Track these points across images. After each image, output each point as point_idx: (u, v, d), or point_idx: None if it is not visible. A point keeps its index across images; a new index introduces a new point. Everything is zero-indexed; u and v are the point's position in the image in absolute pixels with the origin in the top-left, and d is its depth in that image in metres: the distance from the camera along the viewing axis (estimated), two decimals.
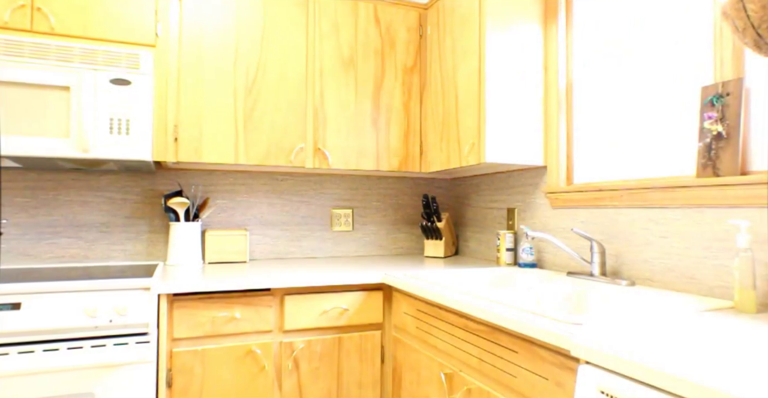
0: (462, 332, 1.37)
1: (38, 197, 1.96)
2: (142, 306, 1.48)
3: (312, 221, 2.37)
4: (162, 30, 1.84)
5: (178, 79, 1.87)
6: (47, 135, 1.64)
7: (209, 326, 1.60)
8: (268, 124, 1.99)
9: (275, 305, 1.69)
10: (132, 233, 2.07)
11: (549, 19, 1.94)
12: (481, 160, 1.85)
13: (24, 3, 1.67)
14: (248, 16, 1.97)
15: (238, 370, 1.63)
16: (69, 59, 1.67)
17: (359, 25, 2.14)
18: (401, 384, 1.73)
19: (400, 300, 1.75)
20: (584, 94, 1.85)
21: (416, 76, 2.25)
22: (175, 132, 1.86)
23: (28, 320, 1.37)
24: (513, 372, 1.15)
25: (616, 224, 1.64)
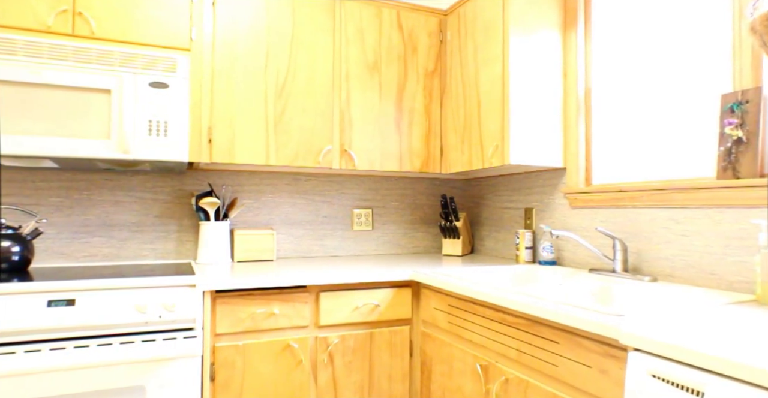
0: (499, 325, 1.44)
1: (72, 197, 2.00)
2: (189, 302, 1.53)
3: (334, 220, 2.43)
4: (196, 34, 1.90)
5: (212, 83, 1.92)
6: (89, 137, 1.68)
7: (249, 322, 1.66)
8: (297, 126, 2.05)
9: (311, 301, 1.76)
10: (162, 232, 2.12)
11: (568, 27, 2.03)
12: (505, 161, 1.93)
13: (66, 8, 1.72)
14: (278, 21, 2.03)
15: (277, 364, 1.69)
16: (110, 63, 1.71)
17: (383, 31, 2.21)
18: (430, 377, 1.80)
19: (430, 296, 1.82)
20: (602, 99, 1.94)
21: (436, 79, 2.32)
22: (209, 134, 1.91)
23: (83, 316, 1.41)
24: (554, 362, 1.23)
25: (636, 223, 1.73)
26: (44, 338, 1.38)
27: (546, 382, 1.27)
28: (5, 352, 1.33)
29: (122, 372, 1.44)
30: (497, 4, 1.98)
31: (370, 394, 1.82)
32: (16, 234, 1.70)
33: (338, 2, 2.13)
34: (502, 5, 1.96)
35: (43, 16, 1.69)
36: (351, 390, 1.79)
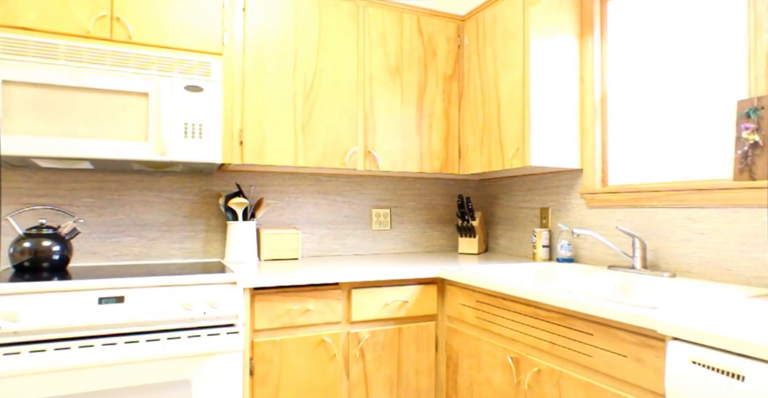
0: (530, 319, 1.52)
1: (104, 197, 2.04)
2: (231, 299, 1.59)
3: (354, 220, 2.50)
4: (228, 39, 1.95)
5: (243, 86, 1.98)
6: (128, 139, 1.73)
7: (286, 318, 1.72)
8: (324, 128, 2.11)
9: (343, 298, 1.82)
10: (190, 232, 2.17)
11: (584, 33, 2.11)
12: (525, 163, 2.00)
13: (104, 14, 1.76)
14: (305, 26, 2.08)
15: (312, 359, 1.75)
16: (147, 67, 1.76)
17: (404, 36, 2.28)
18: (457, 370, 1.87)
19: (456, 292, 1.90)
20: (617, 102, 2.02)
21: (455, 83, 2.40)
22: (240, 136, 1.97)
23: (131, 312, 1.46)
24: (588, 353, 1.31)
25: (653, 222, 1.81)
26: (96, 334, 1.43)
27: (580, 372, 1.35)
28: (61, 347, 1.37)
29: (170, 367, 1.50)
30: (517, 12, 2.06)
31: (399, 387, 1.89)
32: (55, 234, 1.74)
33: (362, 8, 2.19)
34: (522, 13, 2.04)
35: (83, 21, 1.74)
36: (380, 384, 1.86)
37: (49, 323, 1.37)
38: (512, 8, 2.09)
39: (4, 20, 1.64)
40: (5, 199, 1.90)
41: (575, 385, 1.34)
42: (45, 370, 1.34)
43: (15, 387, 1.34)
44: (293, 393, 1.72)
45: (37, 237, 1.71)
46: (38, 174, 1.95)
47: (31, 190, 1.94)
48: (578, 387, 1.33)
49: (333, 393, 1.78)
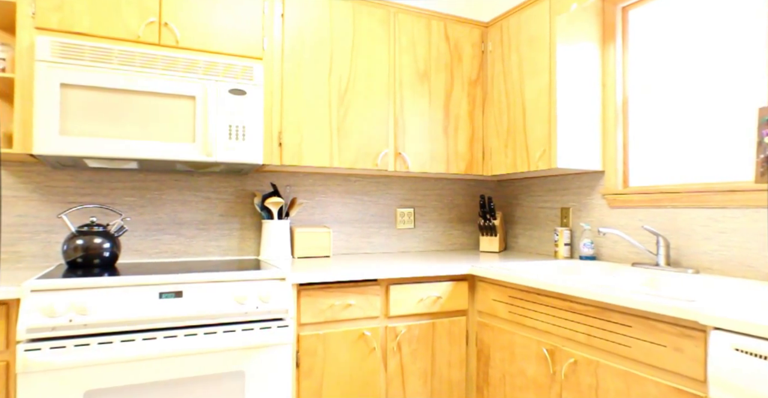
0: (566, 313, 1.61)
1: (145, 197, 2.10)
2: (280, 294, 1.66)
3: (380, 219, 2.58)
4: (267, 44, 2.02)
5: (282, 89, 2.05)
6: (176, 140, 1.80)
7: (329, 312, 1.79)
8: (357, 130, 2.18)
9: (381, 294, 1.90)
10: (225, 230, 2.23)
11: (606, 40, 2.21)
12: (552, 165, 2.10)
13: (153, 19, 1.82)
14: (340, 32, 2.16)
15: (352, 352, 1.83)
16: (194, 71, 1.83)
17: (432, 42, 2.36)
18: (488, 363, 1.96)
19: (487, 288, 1.98)
20: (638, 107, 2.12)
21: (479, 87, 2.48)
22: (280, 138, 2.04)
23: (189, 306, 1.53)
24: (626, 343, 1.40)
25: (675, 222, 1.91)
26: (157, 327, 1.49)
27: (617, 362, 1.44)
28: (126, 339, 1.44)
29: (225, 359, 1.57)
30: (544, 20, 2.15)
31: (432, 379, 1.97)
32: (105, 232, 1.80)
33: (392, 14, 2.27)
34: (549, 21, 2.13)
35: (133, 27, 1.80)
36: (416, 376, 1.94)
37: (115, 316, 1.44)
38: (538, 16, 2.18)
39: (61, 26, 1.70)
40: (53, 198, 1.96)
41: (613, 374, 1.43)
42: (112, 361, 1.40)
43: (83, 377, 1.41)
44: (336, 385, 1.80)
45: (89, 234, 1.77)
46: (83, 173, 2.01)
47: (76, 188, 2.00)
48: (616, 375, 1.42)
49: (372, 385, 1.86)
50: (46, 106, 1.62)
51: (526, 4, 2.27)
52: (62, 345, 1.37)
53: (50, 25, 1.69)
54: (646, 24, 2.10)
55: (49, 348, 1.36)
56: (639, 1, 2.13)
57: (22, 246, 1.91)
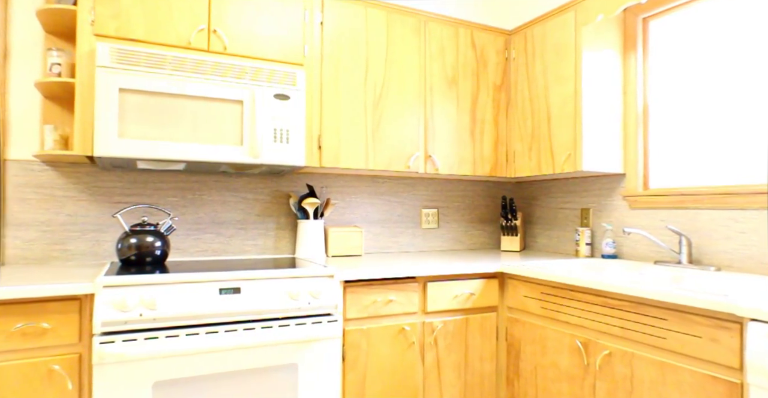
0: (600, 308, 1.71)
1: (186, 197, 2.17)
2: (329, 290, 1.75)
3: (406, 219, 2.67)
4: (308, 50, 2.10)
5: (321, 94, 2.13)
6: (224, 143, 1.87)
7: (372, 308, 1.88)
8: (391, 133, 2.27)
9: (419, 290, 1.99)
10: (262, 229, 2.31)
11: (628, 49, 2.32)
12: (577, 168, 2.20)
13: (203, 27, 1.90)
14: (375, 39, 2.25)
15: (393, 346, 1.91)
16: (242, 76, 1.90)
17: (459, 49, 2.46)
18: (519, 356, 2.06)
19: (517, 285, 2.08)
20: (658, 112, 2.23)
21: (503, 93, 2.58)
22: (319, 141, 2.12)
23: (247, 302, 1.61)
24: (662, 335, 1.51)
25: (696, 222, 2.03)
26: (217, 321, 1.57)
27: (653, 352, 1.54)
28: (191, 333, 1.52)
29: (280, 352, 1.65)
30: (569, 30, 2.26)
31: (466, 372, 2.07)
32: (156, 231, 1.87)
33: (423, 23, 2.36)
34: (574, 31, 2.23)
35: (185, 34, 1.87)
36: (450, 368, 2.03)
37: (180, 311, 1.51)
38: (564, 26, 2.29)
39: (118, 33, 1.77)
40: (101, 197, 2.03)
41: (648, 364, 1.54)
42: (178, 354, 1.48)
43: (152, 368, 1.48)
44: (377, 377, 1.88)
45: (141, 233, 1.84)
46: (129, 174, 2.07)
47: (122, 189, 2.06)
48: (652, 365, 1.53)
49: (410, 377, 1.95)
50: (106, 110, 1.69)
51: (551, 15, 2.37)
52: (133, 338, 1.44)
53: (108, 32, 1.76)
54: (666, 33, 2.21)
55: (122, 341, 1.43)
56: (659, 13, 2.24)
57: (71, 244, 1.97)
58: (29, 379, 1.39)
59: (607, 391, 1.66)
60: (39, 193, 1.93)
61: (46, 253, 1.93)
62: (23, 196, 1.91)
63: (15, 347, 1.38)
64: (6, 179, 1.89)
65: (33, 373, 1.40)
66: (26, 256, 1.91)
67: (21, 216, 1.90)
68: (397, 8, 2.31)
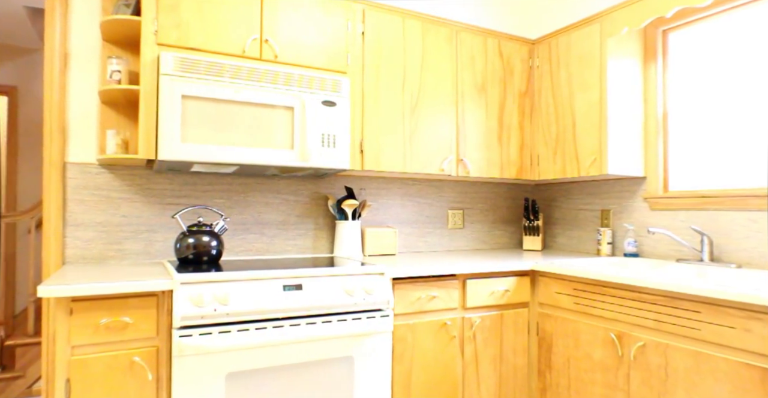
0: (633, 302, 1.83)
1: (232, 198, 2.26)
2: (381, 287, 1.85)
3: (434, 220, 2.78)
4: (351, 59, 2.20)
5: (363, 101, 2.24)
6: (277, 147, 1.97)
7: (417, 304, 1.99)
8: (426, 138, 2.38)
9: (459, 287, 2.10)
10: (302, 230, 2.41)
11: (648, 59, 2.46)
12: (603, 171, 2.33)
13: (256, 36, 1.99)
14: (411, 48, 2.36)
15: (436, 340, 2.02)
16: (291, 84, 2.00)
17: (488, 57, 2.58)
18: (551, 349, 2.18)
19: (549, 282, 2.20)
20: (677, 119, 2.37)
21: (527, 99, 2.71)
22: (361, 145, 2.23)
23: (308, 298, 1.71)
24: (696, 326, 1.63)
25: (716, 222, 2.17)
26: (282, 316, 1.67)
27: (687, 343, 1.67)
28: (260, 327, 1.61)
29: (338, 345, 1.75)
30: (595, 41, 2.39)
31: (501, 364, 2.18)
32: (211, 231, 1.96)
33: (455, 33, 2.48)
34: (599, 42, 2.36)
35: (239, 42, 1.96)
36: (487, 361, 2.15)
37: (249, 306, 1.61)
38: (589, 37, 2.42)
39: (178, 42, 1.86)
40: (153, 199, 2.11)
41: (683, 354, 1.66)
42: (248, 347, 1.57)
43: (225, 360, 1.57)
44: (422, 369, 1.99)
45: (198, 233, 1.93)
46: (180, 177, 2.16)
47: (173, 191, 2.14)
48: (686, 355, 1.65)
49: (451, 369, 2.06)
50: (170, 116, 1.78)
51: (576, 26, 2.50)
52: (209, 331, 1.54)
53: (170, 41, 1.84)
54: (685, 44, 2.35)
55: (199, 335, 1.52)
56: (678, 26, 2.38)
57: (126, 244, 2.05)
58: (113, 370, 1.48)
59: (642, 379, 1.79)
60: (96, 195, 2.01)
61: (102, 253, 2.01)
62: (82, 198, 1.98)
63: (101, 340, 1.47)
64: (66, 181, 1.96)
65: (116, 365, 1.48)
66: (85, 256, 1.98)
67: (80, 217, 1.98)
68: (431, 19, 2.42)
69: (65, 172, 1.97)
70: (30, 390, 2.93)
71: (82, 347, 1.45)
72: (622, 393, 1.86)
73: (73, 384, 1.43)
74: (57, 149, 1.95)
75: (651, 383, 1.76)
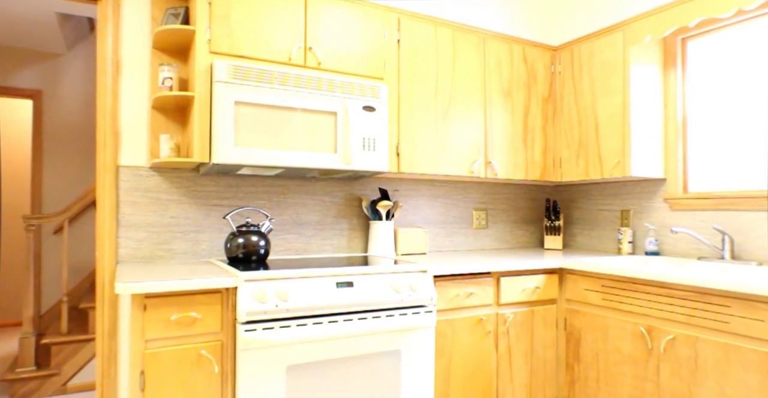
0: (663, 298, 1.94)
1: (272, 200, 2.34)
2: (424, 284, 1.94)
3: (459, 220, 2.88)
4: (387, 66, 2.30)
5: (399, 106, 2.33)
6: (321, 151, 2.06)
7: (456, 300, 2.08)
8: (456, 141, 2.48)
9: (493, 284, 2.20)
10: (337, 230, 2.49)
11: (668, 66, 2.57)
12: (626, 174, 2.44)
13: (300, 45, 2.08)
14: (443, 55, 2.45)
15: (472, 335, 2.12)
16: (335, 90, 2.09)
17: (513, 64, 2.68)
18: (579, 343, 2.28)
19: (577, 280, 2.30)
20: (697, 124, 2.49)
21: (550, 104, 2.81)
22: (398, 149, 2.32)
23: (359, 294, 1.80)
24: (725, 320, 1.74)
25: (735, 222, 2.28)
26: (335, 312, 1.75)
27: (716, 335, 1.77)
28: (317, 322, 1.70)
29: (386, 339, 1.84)
30: (618, 49, 2.49)
31: (532, 358, 2.28)
32: (259, 231, 2.05)
33: (482, 40, 2.58)
34: (622, 49, 2.47)
35: (285, 50, 2.05)
36: (519, 355, 2.25)
37: (306, 302, 1.69)
38: (612, 45, 2.53)
39: (230, 50, 1.94)
40: (199, 201, 2.19)
41: (712, 346, 1.77)
42: (307, 341, 1.66)
43: (286, 354, 1.66)
44: (460, 363, 2.08)
45: (247, 233, 2.01)
46: (224, 179, 2.24)
47: (218, 193, 2.23)
48: (715, 346, 1.76)
49: (486, 363, 2.15)
50: (224, 121, 1.86)
51: (598, 34, 2.61)
52: (271, 326, 1.62)
53: (222, 49, 1.93)
54: (703, 51, 2.47)
55: (262, 329, 1.61)
56: (696, 34, 2.49)
57: (174, 244, 2.13)
58: (182, 363, 1.56)
59: (672, 370, 1.89)
60: (147, 197, 2.09)
61: (152, 252, 2.09)
62: (133, 200, 2.06)
63: (171, 334, 1.55)
64: (119, 184, 2.04)
65: (185, 358, 1.57)
66: (136, 255, 2.06)
67: (131, 218, 2.06)
68: (461, 27, 2.52)
69: (118, 175, 2.04)
70: (65, 387, 2.99)
71: (154, 341, 1.54)
72: (651, 383, 1.96)
73: (147, 375, 1.51)
74: (110, 153, 2.02)
75: (681, 373, 1.86)
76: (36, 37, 3.55)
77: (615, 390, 2.10)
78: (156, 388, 1.52)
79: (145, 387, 1.51)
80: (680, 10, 2.25)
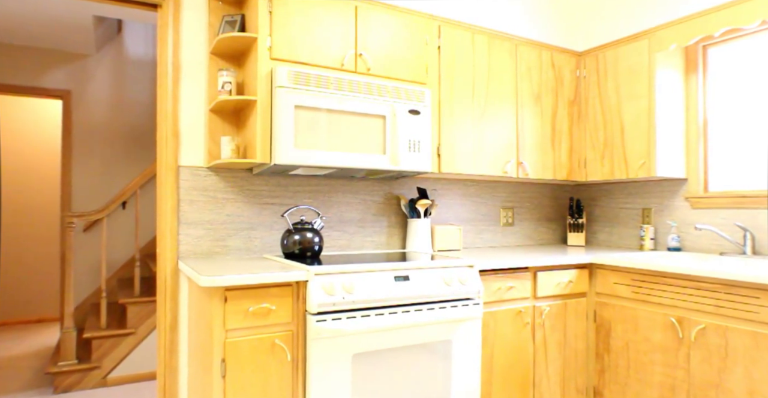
0: (692, 290, 2.08)
1: (318, 199, 2.45)
2: (472, 278, 2.07)
3: (488, 218, 3.00)
4: (429, 71, 2.41)
5: (439, 109, 2.45)
6: (372, 152, 2.17)
7: (497, 294, 2.21)
8: (490, 143, 2.60)
9: (530, 279, 2.33)
10: (377, 227, 2.61)
11: (689, 72, 2.71)
12: (651, 174, 2.57)
13: (352, 51, 2.19)
14: (479, 61, 2.57)
15: (512, 326, 2.25)
16: (384, 94, 2.20)
17: (542, 69, 2.81)
18: (609, 334, 2.42)
19: (606, 274, 2.44)
20: (717, 126, 2.63)
21: (576, 107, 2.95)
22: (438, 150, 2.44)
23: (415, 288, 1.92)
24: (754, 310, 1.88)
25: (754, 220, 2.42)
26: (394, 304, 1.87)
27: (746, 325, 1.92)
28: (378, 314, 1.82)
29: (439, 330, 1.96)
30: (643, 55, 2.63)
31: (565, 348, 2.42)
32: (313, 228, 2.16)
33: (515, 46, 2.70)
34: (648, 56, 2.61)
35: (338, 57, 2.16)
36: (554, 345, 2.38)
37: (369, 295, 1.81)
38: (637, 52, 2.66)
39: (289, 57, 2.05)
40: (252, 199, 2.29)
41: (742, 334, 1.91)
42: (370, 331, 1.77)
43: (352, 343, 1.78)
44: (501, 352, 2.21)
45: (303, 230, 2.12)
46: (274, 179, 2.35)
47: (269, 192, 2.33)
48: (745, 335, 1.90)
49: (524, 352, 2.29)
50: (285, 124, 1.97)
51: (623, 41, 2.74)
52: (339, 317, 1.74)
53: (282, 56, 2.03)
54: (723, 58, 2.61)
55: (331, 320, 1.72)
56: (717, 42, 2.63)
57: (230, 241, 2.24)
58: (258, 351, 1.67)
59: (702, 358, 2.03)
60: (204, 196, 2.19)
61: (210, 249, 2.19)
62: (192, 198, 2.16)
63: (248, 325, 1.66)
64: (179, 183, 2.14)
65: (261, 346, 1.68)
66: (195, 251, 2.16)
67: (191, 216, 2.16)
68: (496, 34, 2.64)
69: (178, 174, 2.14)
70: (105, 380, 3.09)
71: (234, 331, 1.65)
72: (682, 370, 2.10)
73: (228, 363, 1.62)
74: (171, 154, 2.12)
75: (711, 361, 2.00)
76: (69, 38, 3.62)
77: (645, 377, 2.24)
78: (235, 375, 1.63)
79: (226, 374, 1.62)
80: (706, 20, 2.38)
